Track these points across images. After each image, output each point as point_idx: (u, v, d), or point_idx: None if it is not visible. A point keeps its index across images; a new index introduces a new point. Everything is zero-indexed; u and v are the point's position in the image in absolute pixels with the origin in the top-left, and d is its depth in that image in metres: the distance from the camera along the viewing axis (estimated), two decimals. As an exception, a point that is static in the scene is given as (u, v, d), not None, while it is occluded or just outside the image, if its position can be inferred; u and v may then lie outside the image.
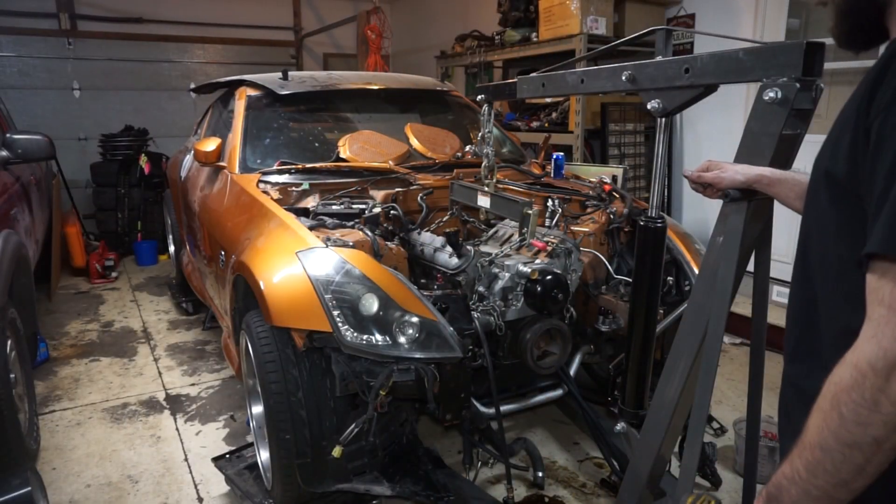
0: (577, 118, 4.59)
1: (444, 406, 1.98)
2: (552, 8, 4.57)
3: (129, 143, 6.26)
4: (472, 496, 2.14)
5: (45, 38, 6.72)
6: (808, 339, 0.95)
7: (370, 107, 3.54)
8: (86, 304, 4.82)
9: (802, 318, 0.97)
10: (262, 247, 2.16)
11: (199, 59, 7.57)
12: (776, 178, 1.23)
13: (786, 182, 1.21)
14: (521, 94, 2.18)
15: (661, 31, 1.64)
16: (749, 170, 1.27)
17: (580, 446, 2.76)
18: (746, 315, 2.00)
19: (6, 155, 3.11)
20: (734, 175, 1.27)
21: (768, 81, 1.25)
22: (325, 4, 8.16)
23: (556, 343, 2.22)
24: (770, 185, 1.23)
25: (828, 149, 0.88)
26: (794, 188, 1.20)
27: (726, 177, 1.28)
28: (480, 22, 6.30)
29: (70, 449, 2.77)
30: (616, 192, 2.84)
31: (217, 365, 3.64)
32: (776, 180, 1.23)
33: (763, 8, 4.14)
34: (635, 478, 1.68)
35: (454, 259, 2.28)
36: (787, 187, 1.21)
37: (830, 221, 0.87)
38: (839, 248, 0.86)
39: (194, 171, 3.58)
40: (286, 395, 1.93)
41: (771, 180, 1.23)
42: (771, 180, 1.23)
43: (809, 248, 0.95)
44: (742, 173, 1.27)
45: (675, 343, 1.52)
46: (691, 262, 2.42)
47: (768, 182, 1.23)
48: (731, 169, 1.29)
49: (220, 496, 2.43)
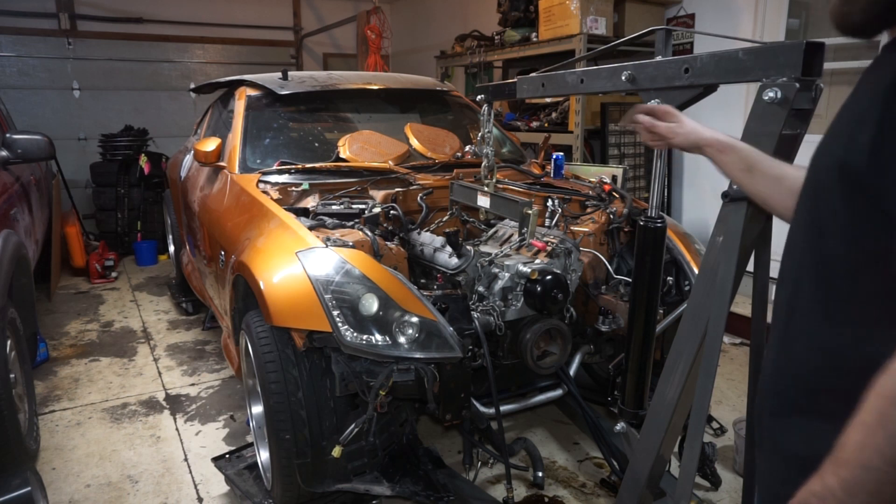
0: (577, 118, 4.59)
1: (444, 406, 1.98)
2: (552, 8, 4.57)
3: (129, 143, 6.26)
4: (472, 496, 2.14)
5: (45, 38, 6.72)
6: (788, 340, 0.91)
7: (370, 107, 3.54)
8: (86, 304, 4.82)
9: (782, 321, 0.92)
10: (261, 247, 2.16)
11: (199, 59, 7.57)
12: (728, 145, 1.23)
13: (736, 152, 1.21)
14: (521, 94, 2.19)
15: (661, 31, 1.64)
16: (703, 132, 1.26)
17: (580, 446, 2.76)
18: (746, 315, 2.00)
19: (6, 155, 3.11)
20: (688, 135, 1.27)
21: (768, 81, 1.25)
22: (325, 4, 8.16)
23: (555, 343, 2.22)
24: (721, 151, 1.23)
25: (838, 144, 0.82)
26: (744, 160, 1.19)
27: (681, 133, 1.28)
28: (480, 22, 6.30)
29: (70, 449, 2.77)
30: (616, 192, 2.84)
31: (217, 365, 3.64)
32: (727, 147, 1.22)
33: (763, 8, 4.15)
34: (635, 478, 1.68)
35: (454, 259, 2.28)
36: (737, 158, 1.21)
37: (841, 219, 0.81)
38: (849, 247, 0.80)
39: (194, 171, 3.58)
40: (286, 395, 1.93)
41: (723, 147, 1.23)
42: (723, 147, 1.23)
43: (794, 248, 0.90)
44: (696, 134, 1.27)
45: (675, 343, 1.52)
46: (691, 262, 2.42)
47: (719, 149, 1.23)
48: (688, 126, 1.28)
49: (220, 496, 2.44)
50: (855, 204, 0.78)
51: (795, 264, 0.89)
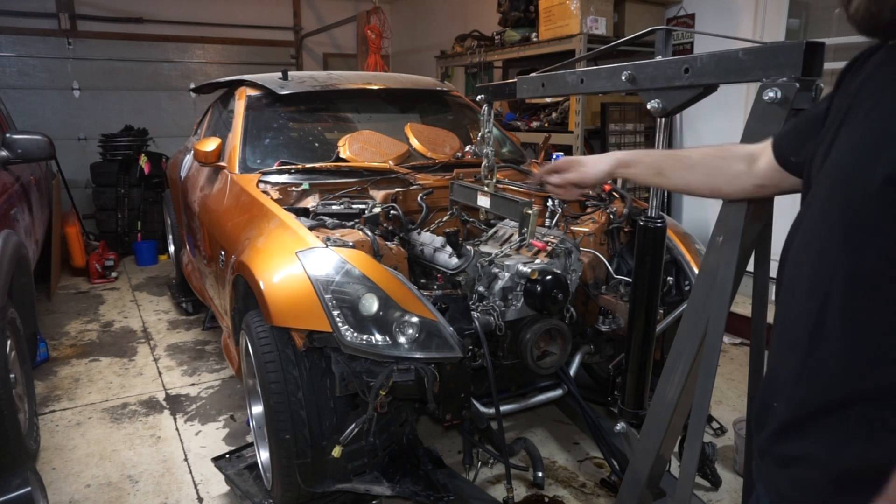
0: (577, 118, 4.59)
1: (444, 406, 1.98)
2: (552, 8, 4.57)
3: (129, 143, 6.26)
4: (472, 496, 2.14)
5: (45, 38, 6.72)
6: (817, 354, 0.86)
7: (370, 107, 3.54)
8: (86, 304, 4.82)
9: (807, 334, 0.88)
10: (262, 247, 2.16)
11: (199, 59, 7.57)
12: (630, 159, 1.25)
13: (640, 162, 1.24)
14: (521, 94, 2.19)
15: (661, 31, 1.64)
16: (603, 161, 1.27)
17: (580, 446, 2.76)
18: (746, 315, 2.00)
19: (6, 155, 3.11)
20: (596, 168, 1.28)
21: (768, 81, 1.25)
22: (325, 4, 8.16)
23: (555, 343, 2.22)
24: (627, 166, 1.25)
25: (882, 153, 0.76)
26: (650, 166, 1.22)
27: (590, 171, 1.29)
28: (480, 22, 6.30)
29: (70, 449, 2.77)
30: (616, 192, 2.84)
31: (217, 365, 3.64)
32: (631, 161, 1.25)
33: (763, 8, 4.14)
34: (635, 478, 1.68)
35: (454, 259, 2.28)
36: (643, 167, 1.23)
37: (876, 233, 0.77)
38: (885, 262, 0.77)
39: (194, 171, 3.58)
40: (286, 395, 1.93)
41: (626, 163, 1.25)
42: (626, 163, 1.25)
43: (823, 261, 0.86)
44: (599, 165, 1.28)
45: (675, 343, 1.52)
46: (691, 262, 2.42)
47: (624, 165, 1.25)
48: (590, 163, 1.29)
49: (220, 496, 2.44)
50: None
51: (824, 278, 0.85)
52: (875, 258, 0.78)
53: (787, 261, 0.95)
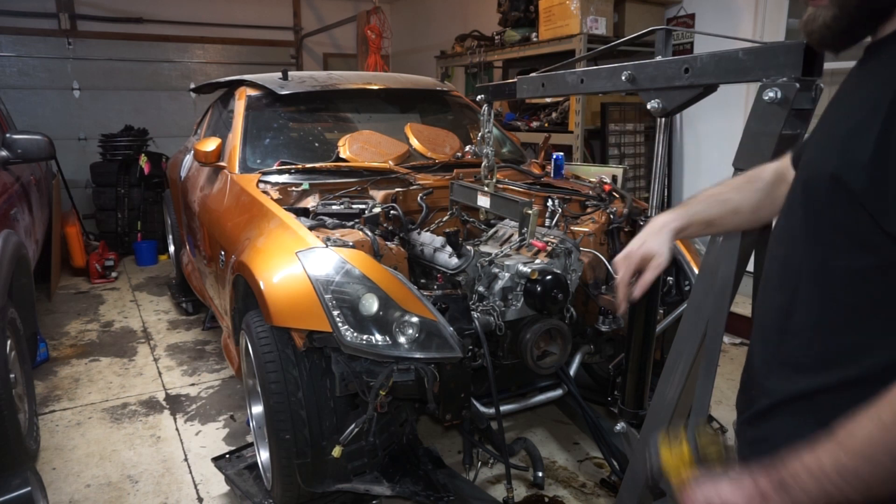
0: (577, 118, 4.59)
1: (444, 406, 1.98)
2: (552, 8, 4.57)
3: (129, 143, 6.26)
4: (472, 496, 2.14)
5: (45, 38, 6.72)
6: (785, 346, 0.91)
7: (370, 107, 3.54)
8: (86, 304, 4.82)
9: (776, 326, 0.92)
10: (262, 247, 2.16)
11: (199, 59, 7.57)
12: (683, 224, 1.20)
13: (690, 220, 1.19)
14: (521, 94, 2.19)
15: (661, 31, 1.64)
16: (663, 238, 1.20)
17: (580, 446, 2.76)
18: (746, 315, 2.00)
19: (6, 155, 3.11)
20: (661, 250, 1.20)
21: (768, 81, 1.25)
22: (325, 4, 8.16)
23: (556, 343, 2.22)
24: (683, 230, 1.20)
25: (832, 151, 0.81)
26: (701, 223, 1.19)
27: (659, 254, 1.20)
28: (480, 22, 6.30)
29: (70, 449, 2.77)
30: (616, 192, 2.84)
31: (217, 365, 3.64)
32: (685, 226, 1.20)
33: (763, 8, 4.14)
34: (635, 478, 1.68)
35: (454, 259, 2.28)
36: (696, 225, 1.19)
37: (835, 229, 0.81)
38: (845, 258, 0.80)
39: (194, 171, 3.58)
40: (286, 395, 1.93)
41: (681, 228, 1.20)
42: (681, 228, 1.20)
43: (792, 255, 0.89)
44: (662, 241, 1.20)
45: (675, 343, 1.52)
46: (691, 262, 2.42)
47: (681, 229, 1.20)
48: (655, 244, 1.21)
49: (220, 496, 2.44)
50: (856, 219, 0.77)
51: (793, 272, 0.89)
52: (834, 254, 0.81)
53: (768, 255, 0.98)
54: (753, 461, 0.94)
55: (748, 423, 0.98)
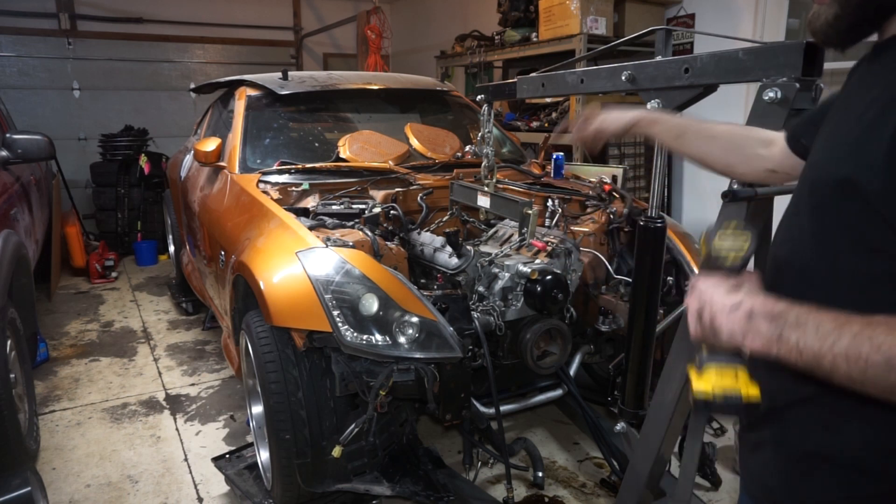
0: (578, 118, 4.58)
1: (444, 406, 1.98)
2: (552, 8, 4.57)
3: (129, 143, 6.26)
4: (472, 496, 2.14)
5: (45, 38, 6.71)
6: None
7: (370, 107, 3.54)
8: (86, 304, 4.82)
9: None
10: (262, 247, 2.16)
11: (199, 59, 7.57)
12: (655, 117, 1.31)
13: (665, 122, 1.28)
14: (521, 94, 2.19)
15: (661, 31, 1.64)
16: (628, 113, 1.33)
17: (580, 446, 2.76)
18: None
19: (6, 155, 3.11)
20: (620, 117, 1.34)
21: (768, 81, 1.25)
22: (325, 4, 8.16)
23: (556, 343, 2.22)
24: (651, 123, 1.30)
25: (842, 153, 0.80)
26: (674, 128, 1.26)
27: (609, 118, 1.36)
28: (480, 22, 6.30)
29: (70, 449, 2.77)
30: (616, 192, 2.84)
31: (217, 365, 3.64)
32: (657, 119, 1.30)
33: (763, 8, 4.14)
34: (635, 478, 1.68)
35: (454, 259, 2.28)
36: (667, 127, 1.28)
37: (844, 232, 0.80)
38: (854, 262, 0.79)
39: (194, 171, 3.58)
40: (286, 395, 1.93)
41: (652, 119, 1.31)
42: (652, 119, 1.31)
43: (797, 257, 0.88)
44: (629, 115, 1.34)
45: (674, 343, 1.52)
46: (691, 262, 2.42)
47: (649, 122, 1.31)
48: (615, 113, 1.36)
49: (220, 496, 2.43)
50: (868, 222, 0.76)
51: (797, 274, 0.87)
52: (843, 258, 0.80)
53: (771, 255, 0.97)
54: (759, 467, 0.94)
55: (750, 426, 0.97)
